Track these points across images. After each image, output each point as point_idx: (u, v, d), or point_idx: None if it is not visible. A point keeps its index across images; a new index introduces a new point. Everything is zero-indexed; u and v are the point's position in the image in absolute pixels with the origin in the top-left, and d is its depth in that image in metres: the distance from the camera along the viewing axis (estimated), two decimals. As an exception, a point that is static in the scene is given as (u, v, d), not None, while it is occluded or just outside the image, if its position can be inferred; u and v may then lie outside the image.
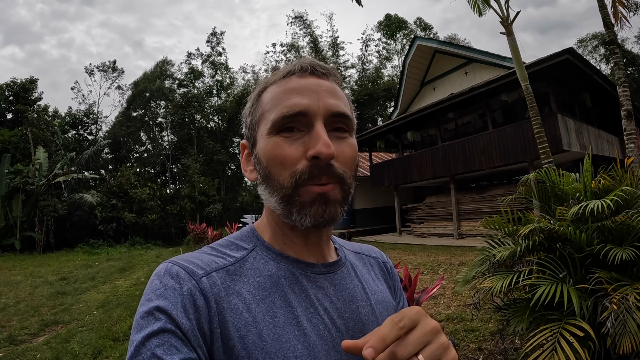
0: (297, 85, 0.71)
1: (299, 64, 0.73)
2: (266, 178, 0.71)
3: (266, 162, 0.70)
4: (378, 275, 0.90)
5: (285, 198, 0.68)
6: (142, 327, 0.58)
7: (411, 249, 13.44)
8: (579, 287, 2.71)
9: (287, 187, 0.67)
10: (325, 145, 0.65)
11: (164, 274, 0.64)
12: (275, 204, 0.70)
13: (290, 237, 0.75)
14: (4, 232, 18.74)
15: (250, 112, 0.77)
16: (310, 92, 0.70)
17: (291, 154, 0.67)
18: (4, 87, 28.63)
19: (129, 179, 25.20)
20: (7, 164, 19.74)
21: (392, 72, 42.19)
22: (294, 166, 0.67)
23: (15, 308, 7.60)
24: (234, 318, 0.63)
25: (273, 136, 0.69)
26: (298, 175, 0.67)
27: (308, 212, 0.67)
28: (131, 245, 22.07)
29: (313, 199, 0.67)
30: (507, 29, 6.28)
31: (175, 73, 40.84)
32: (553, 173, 3.69)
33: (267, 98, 0.73)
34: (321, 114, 0.69)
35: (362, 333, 0.72)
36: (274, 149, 0.69)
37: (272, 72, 0.80)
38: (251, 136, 0.76)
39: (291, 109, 0.68)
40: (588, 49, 38.99)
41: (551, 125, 11.36)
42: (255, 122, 0.75)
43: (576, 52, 11.49)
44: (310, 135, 0.68)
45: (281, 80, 0.73)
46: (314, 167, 0.66)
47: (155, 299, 0.60)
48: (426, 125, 17.61)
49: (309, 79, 0.72)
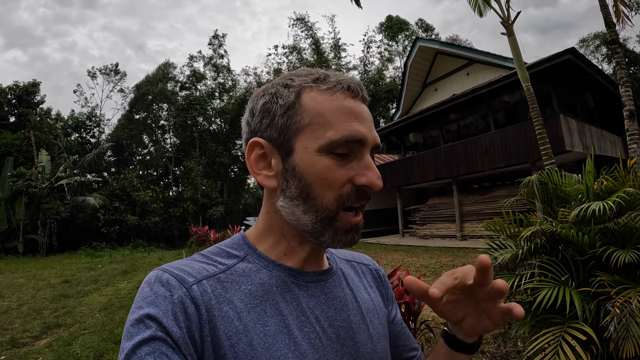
0: (355, 110, 0.70)
1: (349, 83, 0.71)
2: (305, 196, 0.68)
3: (311, 180, 0.68)
4: (370, 283, 0.90)
5: (325, 220, 0.68)
6: (132, 334, 0.57)
7: (414, 250, 13.41)
8: (581, 290, 2.68)
9: (332, 209, 0.68)
10: (378, 178, 0.68)
11: (155, 281, 0.63)
12: (309, 222, 0.69)
13: (295, 249, 0.74)
14: (7, 234, 18.79)
15: (286, 114, 0.70)
16: (365, 121, 0.70)
17: (340, 178, 0.67)
18: (7, 91, 28.77)
19: (132, 181, 25.27)
20: (10, 167, 19.82)
21: (394, 74, 42.17)
22: (339, 189, 0.67)
23: (17, 311, 7.60)
24: (225, 326, 0.62)
25: (324, 156, 0.67)
26: (345, 198, 0.68)
27: (342, 239, 0.70)
28: (134, 248, 22.12)
29: (349, 229, 0.70)
30: (507, 29, 6.27)
31: (177, 76, 40.88)
32: (555, 174, 3.67)
33: (315, 108, 0.69)
34: (370, 145, 0.70)
35: (353, 341, 0.74)
36: (325, 170, 0.67)
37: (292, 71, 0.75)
38: (284, 141, 0.70)
39: (354, 135, 0.67)
40: (590, 48, 38.91)
41: (553, 125, 11.34)
42: (295, 128, 0.69)
43: (578, 52, 11.47)
44: (360, 163, 0.69)
45: (332, 94, 0.70)
46: (361, 193, 0.69)
47: (145, 307, 0.59)
48: (428, 127, 17.60)
49: (360, 104, 0.71)
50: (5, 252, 18.17)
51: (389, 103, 37.07)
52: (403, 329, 0.93)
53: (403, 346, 0.91)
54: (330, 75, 0.72)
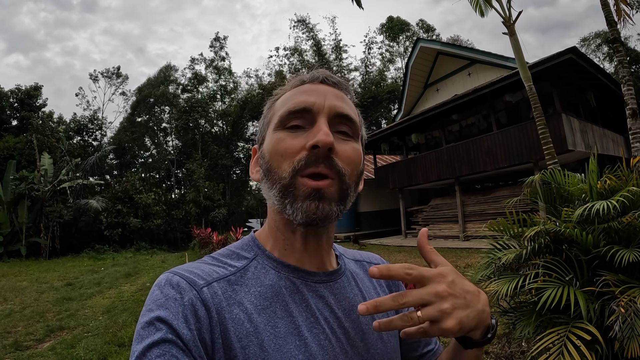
0: (307, 89, 0.74)
1: (312, 74, 0.77)
2: (267, 172, 0.72)
3: (269, 155, 0.71)
4: (381, 282, 0.89)
5: (283, 189, 0.68)
6: (143, 337, 0.57)
7: (417, 251, 13.27)
8: (586, 289, 2.67)
9: (285, 176, 0.68)
10: (325, 134, 0.66)
11: (165, 284, 0.63)
12: (274, 198, 0.70)
13: (291, 241, 0.74)
14: (10, 238, 18.85)
15: (264, 120, 0.79)
16: (317, 94, 0.73)
17: (292, 145, 0.69)
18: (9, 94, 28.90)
19: (134, 184, 25.30)
20: (13, 170, 19.88)
21: (396, 75, 42.18)
22: (294, 156, 0.68)
23: (20, 314, 7.62)
24: (236, 328, 0.62)
25: (278, 131, 0.72)
26: (296, 163, 0.67)
27: (300, 206, 0.67)
28: (137, 251, 22.16)
29: (307, 194, 0.67)
30: (509, 29, 6.26)
31: (179, 78, 41.06)
32: (558, 174, 3.65)
33: (279, 102, 0.76)
34: (325, 112, 0.70)
35: (363, 342, 0.74)
36: (277, 142, 0.70)
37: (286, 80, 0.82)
38: (261, 137, 0.78)
39: (297, 105, 0.71)
40: (591, 47, 38.80)
41: (556, 125, 11.32)
42: (265, 124, 0.77)
43: (579, 51, 11.44)
44: (312, 129, 0.69)
45: (294, 87, 0.77)
46: (312, 155, 0.67)
47: (156, 309, 0.59)
48: (430, 127, 17.58)
49: (319, 85, 0.76)
50: (8, 255, 18.22)
51: (390, 104, 37.03)
52: None
53: (418, 342, 0.91)
54: (302, 75, 0.79)
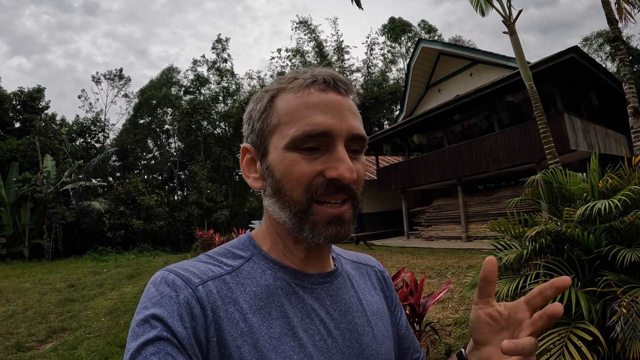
0: (320, 102, 0.68)
1: (320, 76, 0.70)
2: (277, 192, 0.69)
3: (280, 176, 0.68)
4: (375, 285, 0.89)
5: (299, 214, 0.67)
6: (138, 335, 0.57)
7: (419, 252, 13.36)
8: (587, 290, 2.65)
9: (301, 202, 0.66)
10: (349, 170, 0.65)
11: (160, 282, 0.63)
12: (286, 219, 0.69)
13: (291, 249, 0.74)
14: (13, 239, 18.87)
15: (261, 118, 0.72)
16: (333, 112, 0.68)
17: (309, 172, 0.66)
18: (12, 97, 29.00)
19: (137, 186, 25.33)
20: (15, 172, 19.93)
21: (398, 75, 42.21)
22: (310, 182, 0.66)
23: (23, 315, 7.62)
24: (231, 327, 0.62)
25: (291, 152, 0.67)
26: (313, 190, 0.66)
27: (322, 232, 0.67)
28: (139, 252, 22.17)
29: (328, 220, 0.67)
30: (509, 28, 6.25)
31: (181, 80, 41.15)
32: (560, 173, 3.64)
33: (284, 107, 0.69)
34: (343, 136, 0.67)
35: (359, 344, 0.73)
36: (290, 165, 0.67)
37: (279, 76, 0.77)
38: (260, 144, 0.72)
39: (315, 128, 0.66)
40: (593, 47, 38.70)
41: (558, 125, 11.28)
42: (267, 130, 0.71)
43: (581, 50, 11.40)
44: (330, 155, 0.67)
45: (300, 91, 0.69)
46: (331, 185, 0.66)
47: (151, 307, 0.59)
48: (432, 128, 17.57)
49: (331, 95, 0.69)
50: (11, 256, 18.23)
51: (392, 105, 37.06)
52: (408, 332, 0.93)
53: (408, 348, 0.92)
54: (307, 72, 0.72)
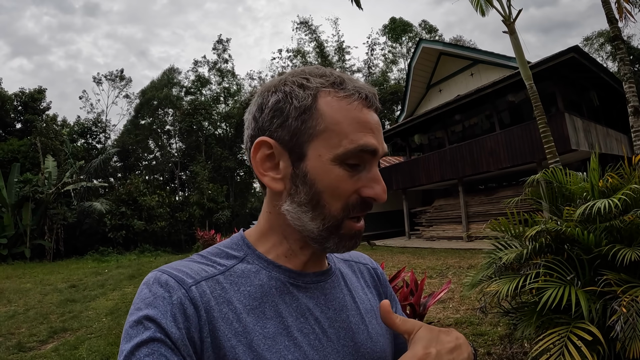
0: (371, 121, 0.69)
1: (366, 92, 0.70)
2: (314, 203, 0.68)
3: (323, 188, 0.67)
4: (368, 283, 0.90)
5: (332, 228, 0.69)
6: (131, 336, 0.57)
7: (420, 252, 13.37)
8: (587, 289, 2.65)
9: (337, 218, 0.68)
10: (384, 192, 0.69)
11: (153, 282, 0.62)
12: (315, 229, 0.69)
13: (296, 253, 0.74)
14: (14, 240, 18.87)
15: (300, 117, 0.67)
16: (378, 133, 0.70)
17: (349, 189, 0.67)
18: (13, 98, 29.00)
19: (138, 186, 25.31)
20: (17, 173, 19.93)
21: (399, 76, 42.17)
22: (346, 199, 0.68)
23: (24, 315, 7.63)
24: (225, 327, 0.62)
25: (337, 165, 0.66)
26: (350, 208, 0.68)
27: (346, 244, 0.71)
28: (140, 253, 22.14)
29: (353, 234, 0.71)
30: (509, 27, 6.25)
31: (182, 81, 41.09)
32: (560, 173, 3.63)
33: (332, 115, 0.67)
34: (380, 156, 0.71)
35: (353, 342, 0.73)
36: (337, 180, 0.67)
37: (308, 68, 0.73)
38: (295, 145, 0.68)
39: (369, 146, 0.67)
40: (594, 47, 38.67)
41: (559, 124, 11.29)
42: (309, 133, 0.67)
43: (582, 50, 11.42)
44: (368, 174, 0.69)
45: (346, 100, 0.68)
46: (365, 204, 0.69)
47: (144, 308, 0.59)
48: (433, 128, 17.57)
49: (374, 114, 0.71)
50: (13, 257, 18.22)
51: (393, 105, 37.04)
52: None
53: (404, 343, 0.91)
54: (346, 80, 0.70)
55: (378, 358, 0.76)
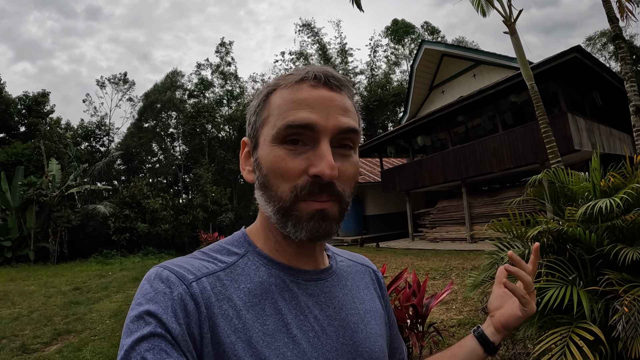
0: (308, 97, 0.68)
1: (312, 72, 0.70)
2: (264, 186, 0.70)
3: (266, 170, 0.69)
4: (368, 284, 0.90)
5: (282, 210, 0.68)
6: (132, 331, 0.57)
7: (424, 254, 13.35)
8: (589, 289, 2.64)
9: (286, 200, 0.67)
10: (330, 167, 0.64)
11: (154, 278, 0.63)
12: (271, 213, 0.69)
13: (283, 245, 0.74)
14: (18, 243, 18.92)
15: (256, 112, 0.74)
16: (320, 107, 0.68)
17: (293, 168, 0.66)
18: (17, 101, 29.11)
19: (142, 189, 25.33)
20: (21, 176, 20.00)
21: (401, 77, 42.21)
22: (294, 180, 0.67)
23: (28, 317, 7.65)
24: (225, 324, 0.62)
25: (276, 146, 0.68)
26: (299, 190, 0.66)
27: (305, 226, 0.67)
28: (144, 255, 22.14)
29: (311, 215, 0.67)
30: (510, 28, 6.24)
31: (185, 84, 41.21)
32: (561, 173, 3.63)
33: (275, 102, 0.70)
34: (329, 132, 0.67)
35: (352, 341, 0.74)
36: (276, 161, 0.67)
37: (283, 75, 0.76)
38: (253, 137, 0.74)
39: (297, 120, 0.66)
40: (597, 46, 38.56)
41: (561, 125, 11.27)
42: (259, 123, 0.72)
43: (584, 49, 11.37)
44: (314, 151, 0.67)
45: (292, 86, 0.70)
46: (315, 185, 0.66)
47: (145, 303, 0.59)
48: (436, 129, 17.54)
49: (322, 90, 0.69)
50: (17, 260, 18.26)
51: (396, 107, 37.04)
52: (397, 332, 0.97)
53: (397, 349, 0.96)
54: (303, 69, 0.72)
55: (376, 358, 0.77)
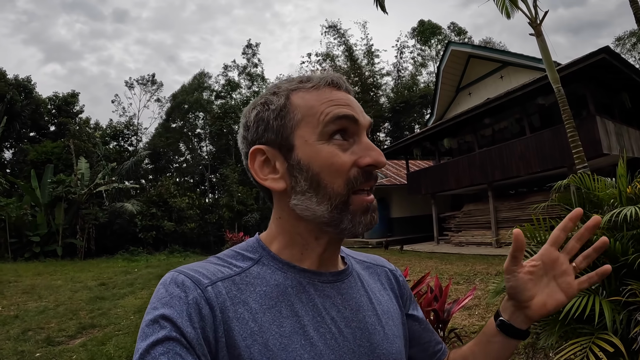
0: (336, 97, 0.72)
1: (331, 78, 0.74)
2: (316, 186, 0.69)
3: (319, 169, 0.69)
4: (385, 285, 0.90)
5: (340, 205, 0.69)
6: (147, 335, 0.58)
7: (448, 258, 13.19)
8: (612, 299, 2.56)
9: (343, 194, 0.68)
10: (381, 155, 0.70)
11: (170, 282, 0.64)
12: (325, 212, 0.69)
13: (311, 247, 0.74)
14: (47, 238, 19.40)
15: (279, 116, 0.72)
16: (354, 105, 0.73)
17: (346, 162, 0.69)
18: (47, 101, 29.91)
19: (169, 188, 25.68)
20: (50, 174, 20.53)
21: (428, 79, 41.77)
22: (347, 174, 0.69)
23: (54, 311, 7.83)
24: (240, 327, 0.63)
25: (325, 143, 0.69)
26: (353, 181, 0.69)
27: (362, 220, 0.70)
28: (170, 253, 22.38)
29: (365, 209, 0.70)
30: (536, 29, 6.12)
31: (212, 85, 41.64)
32: (587, 179, 3.54)
33: (304, 104, 0.72)
34: (366, 126, 0.73)
35: (369, 342, 0.74)
36: (330, 157, 0.69)
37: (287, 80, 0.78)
38: (283, 141, 0.72)
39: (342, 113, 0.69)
40: (626, 47, 37.36)
41: (590, 128, 10.98)
42: (290, 126, 0.71)
43: (613, 50, 10.99)
44: (359, 145, 0.71)
45: (316, 89, 0.73)
46: (367, 174, 0.70)
47: (160, 307, 0.60)
48: (462, 132, 17.28)
49: (342, 93, 0.74)
50: (45, 255, 18.72)
51: (423, 108, 36.69)
52: (427, 325, 0.96)
53: (429, 342, 0.94)
54: (312, 76, 0.75)
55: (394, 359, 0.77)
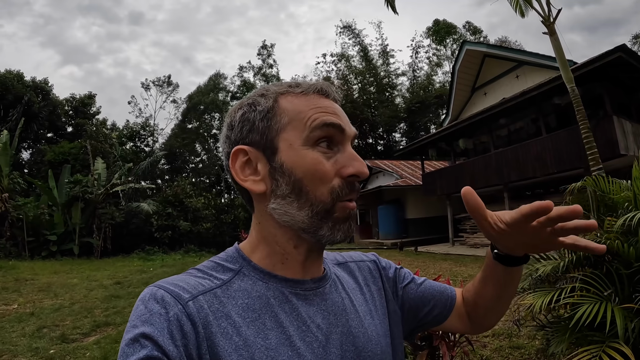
0: (324, 105, 0.71)
1: (320, 85, 0.74)
2: (297, 191, 0.68)
3: (302, 175, 0.68)
4: (366, 281, 0.88)
5: (322, 213, 0.68)
6: (127, 355, 0.55)
7: (463, 260, 13.08)
8: (625, 306, 2.49)
9: (326, 202, 0.68)
10: (364, 165, 0.70)
11: (149, 298, 0.61)
12: (304, 217, 0.68)
13: (292, 256, 0.73)
14: (64, 237, 19.78)
15: (265, 117, 0.71)
16: (341, 115, 0.73)
17: (329, 171, 0.68)
18: (64, 103, 30.37)
19: (185, 188, 25.91)
20: (68, 174, 20.96)
21: (444, 79, 41.51)
22: (330, 182, 0.68)
23: (69, 309, 7.94)
24: (224, 342, 0.60)
25: (309, 149, 0.68)
26: (338, 191, 0.68)
27: (341, 227, 0.70)
28: (185, 253, 22.60)
29: (347, 216, 0.70)
30: (549, 28, 6.02)
31: (228, 86, 41.91)
32: (602, 181, 3.45)
33: (292, 108, 0.71)
34: (350, 136, 0.73)
35: (354, 346, 0.73)
36: (314, 164, 0.68)
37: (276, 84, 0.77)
38: (266, 141, 0.70)
39: (329, 121, 0.69)
40: (644, 44, 36.70)
41: (607, 128, 10.77)
42: (276, 128, 0.70)
43: (629, 49, 10.73)
44: (343, 154, 0.71)
45: (303, 95, 0.72)
46: (350, 184, 0.70)
47: (140, 325, 0.57)
48: (478, 132, 17.09)
49: (330, 101, 0.73)
50: (62, 253, 19.09)
51: (438, 109, 36.46)
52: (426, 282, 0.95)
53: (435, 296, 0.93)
54: (300, 82, 0.74)
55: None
